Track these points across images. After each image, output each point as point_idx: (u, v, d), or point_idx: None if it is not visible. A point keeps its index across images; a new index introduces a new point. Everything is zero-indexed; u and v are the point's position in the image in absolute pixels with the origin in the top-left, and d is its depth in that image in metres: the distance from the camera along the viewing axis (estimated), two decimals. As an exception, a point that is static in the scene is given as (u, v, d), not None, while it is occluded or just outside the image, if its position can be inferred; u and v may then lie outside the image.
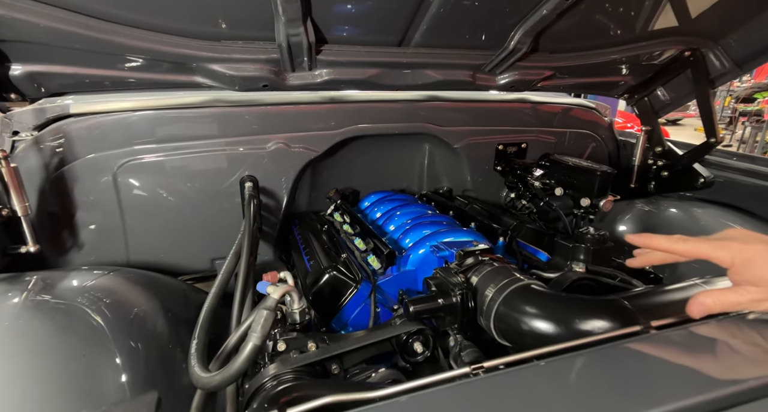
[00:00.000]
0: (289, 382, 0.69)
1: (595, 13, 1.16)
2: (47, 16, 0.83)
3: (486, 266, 0.83)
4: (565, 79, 1.39)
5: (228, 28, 1.00)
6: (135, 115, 1.20)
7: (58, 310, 0.84)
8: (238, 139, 1.30)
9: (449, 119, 1.48)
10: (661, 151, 1.44)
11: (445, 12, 1.04)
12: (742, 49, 1.24)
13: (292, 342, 0.74)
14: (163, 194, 1.26)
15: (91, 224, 1.21)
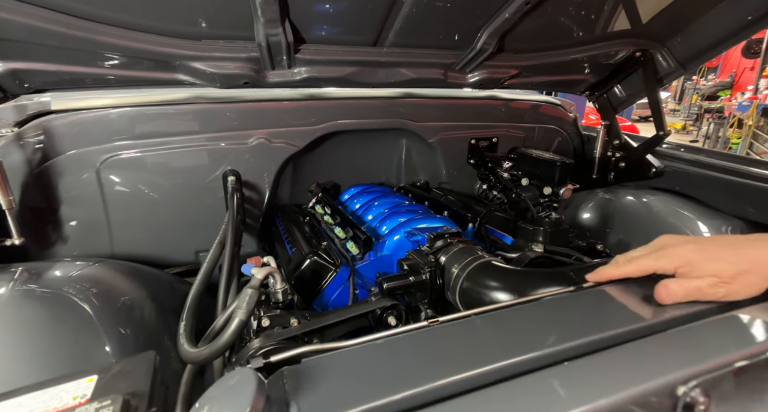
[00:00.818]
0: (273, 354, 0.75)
1: (554, 16, 1.26)
2: (31, 15, 0.87)
3: (453, 247, 0.92)
4: (530, 78, 1.49)
5: (208, 27, 1.05)
6: (116, 111, 1.24)
7: (46, 298, 0.87)
8: (220, 134, 1.35)
9: (424, 115, 1.56)
10: (618, 144, 1.56)
11: (417, 13, 1.12)
12: (686, 50, 1.36)
13: (275, 318, 0.81)
14: (146, 189, 1.30)
15: (74, 218, 1.24)
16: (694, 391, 0.38)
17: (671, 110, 11.92)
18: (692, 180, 1.43)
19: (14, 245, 1.01)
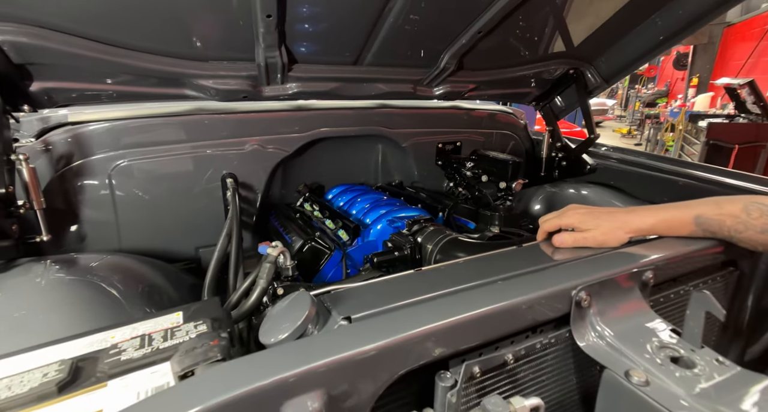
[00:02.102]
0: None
1: (503, 41, 1.52)
2: (69, 43, 1.02)
3: (427, 229, 1.14)
4: (486, 91, 1.76)
5: (215, 51, 1.23)
6: (126, 123, 1.38)
7: (77, 284, 1.00)
8: (219, 142, 1.52)
9: (398, 123, 1.79)
10: (560, 146, 1.85)
11: (390, 37, 1.34)
12: (608, 68, 1.66)
13: (288, 288, 0.99)
14: (152, 192, 1.44)
15: (86, 218, 1.37)
16: (581, 293, 0.61)
17: (618, 116, 12.88)
18: (619, 174, 1.73)
19: (42, 241, 1.14)
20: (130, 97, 1.28)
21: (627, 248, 0.75)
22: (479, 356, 0.57)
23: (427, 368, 0.55)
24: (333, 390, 0.45)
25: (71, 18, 0.98)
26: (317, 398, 0.44)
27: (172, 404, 0.39)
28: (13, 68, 0.99)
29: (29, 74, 1.05)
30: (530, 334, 0.62)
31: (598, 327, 0.61)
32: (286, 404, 0.43)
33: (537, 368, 0.62)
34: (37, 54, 0.99)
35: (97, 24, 1.02)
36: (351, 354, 0.46)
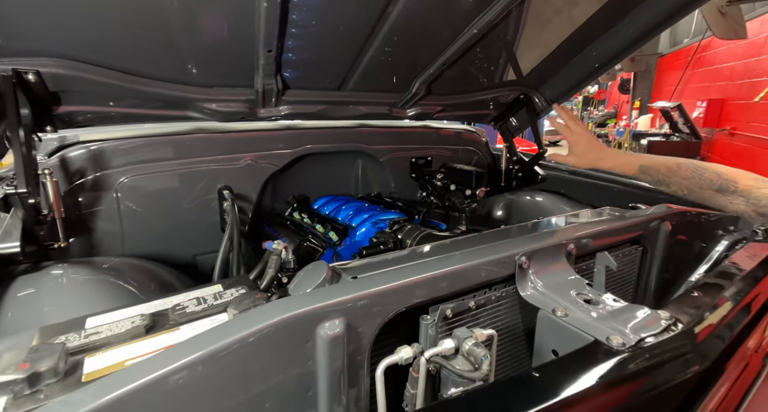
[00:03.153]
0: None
1: (465, 71, 1.79)
2: (96, 72, 1.18)
3: (406, 227, 1.35)
4: (452, 112, 2.03)
5: (219, 78, 1.42)
6: (132, 141, 1.53)
7: (99, 282, 1.14)
8: (216, 157, 1.68)
9: (376, 140, 2.02)
10: (516, 159, 2.14)
11: (370, 67, 1.57)
12: (552, 93, 1.97)
13: (291, 277, 1.17)
14: (155, 204, 1.58)
15: (94, 227, 1.49)
16: (522, 258, 0.83)
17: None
18: (566, 183, 2.03)
19: (60, 247, 1.26)
20: (141, 119, 1.44)
21: (556, 227, 0.99)
22: (451, 302, 0.78)
23: (413, 313, 0.75)
24: (350, 319, 0.64)
25: (98, 52, 1.15)
26: (340, 323, 0.63)
27: (249, 320, 0.57)
28: (48, 95, 1.15)
29: (58, 99, 1.21)
30: (487, 290, 0.84)
31: (534, 282, 0.83)
32: (320, 325, 0.62)
33: (493, 311, 0.83)
34: (68, 82, 1.15)
35: (120, 56, 1.20)
36: (359, 295, 0.66)
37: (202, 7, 1.11)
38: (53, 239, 1.26)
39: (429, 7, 1.31)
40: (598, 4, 1.56)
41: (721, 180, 1.01)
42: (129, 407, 0.48)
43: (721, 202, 1.02)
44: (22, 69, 1.03)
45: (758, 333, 1.05)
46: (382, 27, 1.35)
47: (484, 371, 0.65)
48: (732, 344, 0.78)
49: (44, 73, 1.07)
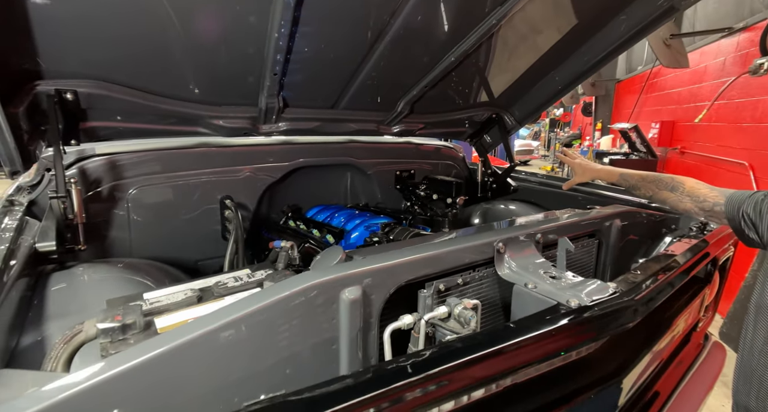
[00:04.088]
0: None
1: (443, 92, 2.02)
2: (122, 92, 1.32)
3: (396, 228, 1.53)
4: (432, 129, 2.24)
5: (227, 97, 1.58)
6: (144, 154, 1.66)
7: (120, 279, 1.24)
8: (218, 169, 1.82)
9: (364, 155, 2.21)
10: (491, 172, 2.36)
11: (360, 89, 1.77)
12: (520, 113, 2.23)
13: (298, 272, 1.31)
14: (161, 212, 1.70)
15: (106, 233, 1.59)
16: (499, 244, 1.02)
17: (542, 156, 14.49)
18: (535, 193, 2.26)
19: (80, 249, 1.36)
20: (155, 134, 1.57)
21: (527, 222, 1.19)
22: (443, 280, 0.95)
23: (411, 290, 0.92)
24: (365, 288, 0.80)
25: (125, 73, 1.30)
26: (358, 289, 0.79)
27: (288, 284, 0.72)
28: (79, 112, 1.27)
29: (86, 116, 1.33)
30: (472, 271, 1.02)
31: (509, 263, 1.02)
32: (343, 290, 0.77)
33: (477, 287, 1.00)
34: (98, 100, 1.29)
35: (143, 77, 1.34)
36: (372, 268, 0.82)
37: (219, 37, 1.28)
38: (74, 242, 1.35)
39: (413, 37, 1.53)
40: (558, 35, 1.82)
41: (674, 182, 1.25)
42: (200, 347, 0.62)
43: (674, 201, 1.24)
44: (62, 89, 1.16)
45: (692, 310, 1.26)
46: (372, 54, 1.56)
47: (472, 327, 0.82)
48: (662, 306, 0.98)
49: (80, 93, 1.21)
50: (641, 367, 1.02)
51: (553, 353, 0.73)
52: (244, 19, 1.23)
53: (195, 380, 0.63)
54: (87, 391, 0.53)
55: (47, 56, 1.10)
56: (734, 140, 4.22)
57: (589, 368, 0.83)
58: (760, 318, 0.96)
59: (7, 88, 0.94)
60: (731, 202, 1.10)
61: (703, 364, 1.44)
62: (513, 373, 0.68)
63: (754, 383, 0.96)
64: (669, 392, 1.24)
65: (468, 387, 0.63)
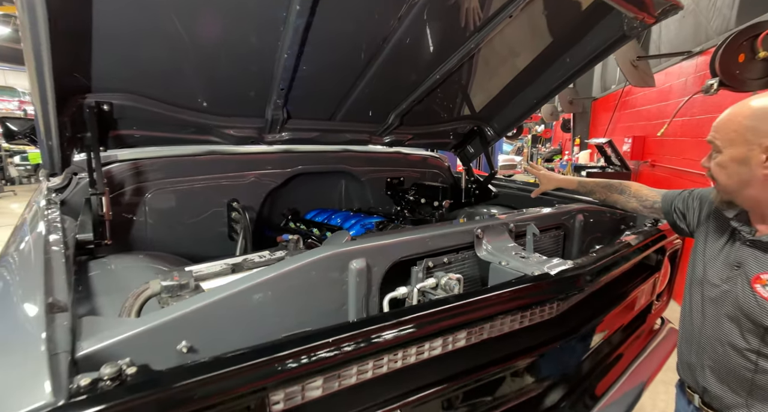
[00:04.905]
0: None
1: (430, 107, 2.24)
2: (149, 103, 1.50)
3: (390, 226, 1.71)
4: (419, 140, 2.46)
5: (238, 109, 1.76)
6: (159, 161, 1.82)
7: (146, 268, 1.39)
8: (226, 175, 1.99)
9: (357, 163, 2.40)
10: (473, 179, 2.58)
11: (355, 103, 1.97)
12: (499, 125, 2.47)
13: (303, 262, 1.48)
14: (175, 213, 1.85)
15: (125, 231, 1.73)
16: (478, 230, 1.21)
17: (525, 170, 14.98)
18: (515, 198, 2.48)
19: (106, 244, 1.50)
20: (173, 142, 1.74)
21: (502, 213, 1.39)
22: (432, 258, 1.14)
23: (406, 265, 1.10)
24: (368, 260, 0.98)
25: (153, 87, 1.48)
26: (363, 261, 0.97)
27: (308, 255, 0.90)
28: (112, 121, 1.44)
29: (116, 125, 1.50)
30: (456, 252, 1.21)
31: (486, 246, 1.21)
32: (351, 261, 0.95)
33: (459, 265, 1.19)
34: (128, 111, 1.46)
35: (168, 91, 1.52)
36: (375, 245, 1.00)
37: (234, 57, 1.48)
38: (102, 237, 1.49)
39: (402, 58, 1.75)
40: (530, 58, 2.07)
41: (621, 186, 1.49)
42: (237, 300, 0.79)
43: (623, 202, 1.47)
44: (100, 101, 1.33)
45: (644, 291, 1.47)
46: (366, 72, 1.77)
47: (456, 293, 1.00)
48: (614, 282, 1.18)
49: (114, 104, 1.38)
50: (601, 331, 1.22)
51: (523, 306, 0.92)
52: (257, 42, 1.43)
53: (234, 325, 0.79)
54: (162, 326, 0.69)
55: (94, 73, 1.27)
56: (696, 153, 4.57)
57: (556, 324, 1.02)
58: (694, 290, 1.16)
59: (59, 101, 1.10)
60: (666, 199, 1.35)
61: (657, 341, 1.65)
62: (490, 319, 0.86)
63: (693, 343, 1.15)
64: (628, 361, 1.43)
65: (452, 327, 0.81)
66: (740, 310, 1.01)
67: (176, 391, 0.55)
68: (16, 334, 0.62)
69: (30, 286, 0.73)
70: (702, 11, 5.02)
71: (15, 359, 0.56)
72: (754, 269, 1.00)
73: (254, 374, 0.60)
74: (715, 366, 1.08)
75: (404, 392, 0.79)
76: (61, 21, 0.88)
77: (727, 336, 1.05)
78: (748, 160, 0.96)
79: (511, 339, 0.96)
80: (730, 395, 1.05)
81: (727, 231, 1.11)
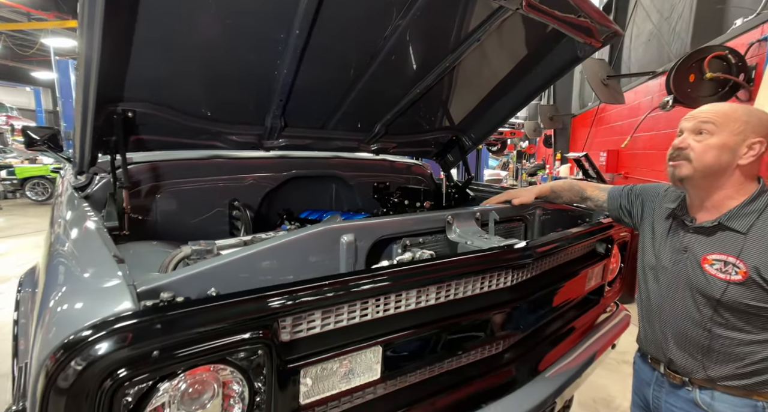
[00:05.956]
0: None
1: (413, 118, 2.50)
2: (166, 111, 1.71)
3: (376, 220, 1.94)
4: (403, 148, 2.71)
5: (241, 117, 1.99)
6: (169, 163, 2.02)
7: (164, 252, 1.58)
8: (227, 177, 2.20)
9: (347, 168, 2.63)
10: (453, 185, 2.83)
11: (345, 114, 2.21)
12: (476, 135, 2.73)
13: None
14: (183, 210, 2.04)
15: (139, 224, 1.91)
16: (449, 217, 1.44)
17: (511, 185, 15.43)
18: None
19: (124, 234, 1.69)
20: (182, 147, 1.95)
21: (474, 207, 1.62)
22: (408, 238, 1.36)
23: (387, 243, 1.32)
24: (356, 236, 1.20)
25: (172, 98, 1.70)
26: (352, 236, 1.18)
27: (308, 229, 1.11)
28: (134, 127, 1.65)
29: (137, 130, 1.71)
30: (430, 235, 1.43)
31: (455, 230, 1.44)
32: (342, 235, 1.17)
33: (433, 245, 1.41)
34: (148, 118, 1.67)
35: (183, 101, 1.74)
36: (361, 224, 1.22)
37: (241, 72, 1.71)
38: (121, 228, 1.68)
39: (387, 74, 2.00)
40: (503, 73, 2.34)
41: (580, 188, 1.72)
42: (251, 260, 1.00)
43: (580, 202, 1.72)
44: (126, 108, 1.55)
45: (594, 274, 1.71)
46: (355, 86, 2.02)
47: (427, 263, 1.22)
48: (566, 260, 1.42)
49: (137, 112, 1.59)
50: (555, 303, 1.45)
51: (482, 269, 1.14)
52: (261, 60, 1.67)
53: (247, 281, 1.00)
54: (196, 274, 0.90)
55: (126, 84, 1.49)
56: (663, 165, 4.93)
57: (511, 291, 1.24)
58: (647, 274, 1.32)
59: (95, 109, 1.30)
60: (611, 198, 1.55)
61: (614, 322, 1.88)
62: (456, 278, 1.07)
63: (655, 321, 1.29)
64: (581, 334, 1.66)
65: (425, 281, 1.02)
66: (694, 287, 1.15)
67: (213, 309, 0.76)
68: (97, 273, 0.82)
69: (96, 246, 0.93)
70: (664, 36, 5.48)
71: (102, 286, 0.77)
72: (700, 251, 1.15)
73: (265, 301, 0.81)
74: (677, 339, 1.21)
75: (386, 332, 0.99)
76: (107, 43, 1.10)
77: (685, 311, 1.18)
78: (735, 149, 1.09)
79: (475, 300, 1.17)
80: (690, 361, 1.19)
81: (668, 221, 1.27)
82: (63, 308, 0.74)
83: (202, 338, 0.73)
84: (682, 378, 1.22)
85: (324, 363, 0.90)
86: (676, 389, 1.24)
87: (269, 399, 0.82)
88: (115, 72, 1.39)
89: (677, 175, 1.18)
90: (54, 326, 0.70)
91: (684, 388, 1.22)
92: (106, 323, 0.67)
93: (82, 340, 0.65)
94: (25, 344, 1.07)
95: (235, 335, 0.76)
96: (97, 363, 0.65)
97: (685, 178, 1.16)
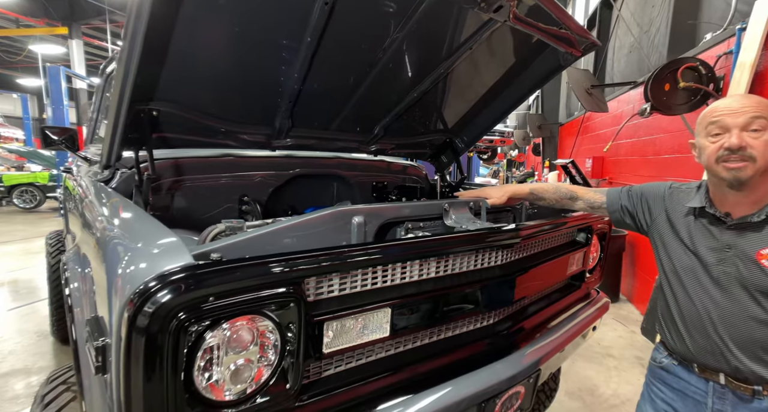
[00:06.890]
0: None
1: (409, 121, 2.68)
2: (186, 111, 1.87)
3: (377, 213, 2.10)
4: (400, 150, 2.89)
5: (253, 119, 2.15)
6: (184, 160, 2.17)
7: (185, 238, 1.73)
8: (238, 174, 2.35)
9: (348, 168, 2.80)
10: (446, 184, 3.02)
11: (348, 115, 2.38)
12: (467, 138, 2.93)
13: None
14: (196, 205, 2.19)
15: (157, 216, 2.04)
16: (446, 205, 1.61)
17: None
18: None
19: (143, 223, 1.82)
20: (199, 145, 2.10)
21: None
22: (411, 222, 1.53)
23: (391, 226, 1.48)
24: (365, 218, 1.36)
25: (192, 99, 1.86)
26: (362, 217, 1.34)
27: (324, 211, 1.27)
28: (156, 125, 1.80)
29: (159, 128, 1.86)
30: (429, 221, 1.59)
31: (451, 217, 1.61)
32: (354, 217, 1.33)
33: (431, 229, 1.57)
34: (170, 117, 1.82)
35: (202, 102, 1.90)
36: (370, 208, 1.38)
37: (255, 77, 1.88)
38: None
39: (386, 80, 2.19)
40: (492, 80, 2.55)
41: (569, 191, 1.76)
42: (277, 234, 1.16)
43: (570, 204, 1.82)
44: (152, 108, 1.70)
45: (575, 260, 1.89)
46: (357, 91, 2.20)
47: (427, 242, 1.39)
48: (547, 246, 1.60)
49: (162, 111, 1.75)
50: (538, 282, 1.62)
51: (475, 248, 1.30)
52: (273, 66, 1.84)
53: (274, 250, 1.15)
54: (232, 245, 1.05)
55: (157, 86, 1.65)
56: (644, 170, 5.18)
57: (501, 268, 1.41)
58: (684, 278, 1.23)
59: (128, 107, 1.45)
60: (611, 198, 1.52)
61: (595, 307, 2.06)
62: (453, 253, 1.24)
63: (706, 327, 1.18)
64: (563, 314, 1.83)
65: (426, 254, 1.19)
66: (751, 285, 1.08)
67: (254, 265, 0.91)
68: (156, 238, 0.97)
69: (146, 220, 1.09)
70: (644, 48, 5.80)
71: (164, 247, 0.92)
72: (750, 247, 1.09)
73: (296, 261, 0.96)
74: (741, 343, 1.11)
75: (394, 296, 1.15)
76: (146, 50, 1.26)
77: (745, 311, 1.10)
78: None
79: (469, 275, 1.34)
80: (761, 366, 1.09)
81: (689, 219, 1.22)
82: (133, 268, 0.88)
83: (245, 289, 0.89)
84: (753, 388, 1.12)
85: (343, 320, 1.05)
86: (746, 402, 1.14)
87: (298, 347, 0.97)
88: (148, 75, 1.54)
89: (741, 178, 1.07)
90: (128, 283, 0.84)
91: (755, 398, 1.12)
92: (173, 272, 0.82)
93: (152, 287, 0.80)
94: (81, 312, 1.21)
95: (272, 288, 0.92)
96: (162, 306, 0.80)
97: (749, 179, 1.07)
